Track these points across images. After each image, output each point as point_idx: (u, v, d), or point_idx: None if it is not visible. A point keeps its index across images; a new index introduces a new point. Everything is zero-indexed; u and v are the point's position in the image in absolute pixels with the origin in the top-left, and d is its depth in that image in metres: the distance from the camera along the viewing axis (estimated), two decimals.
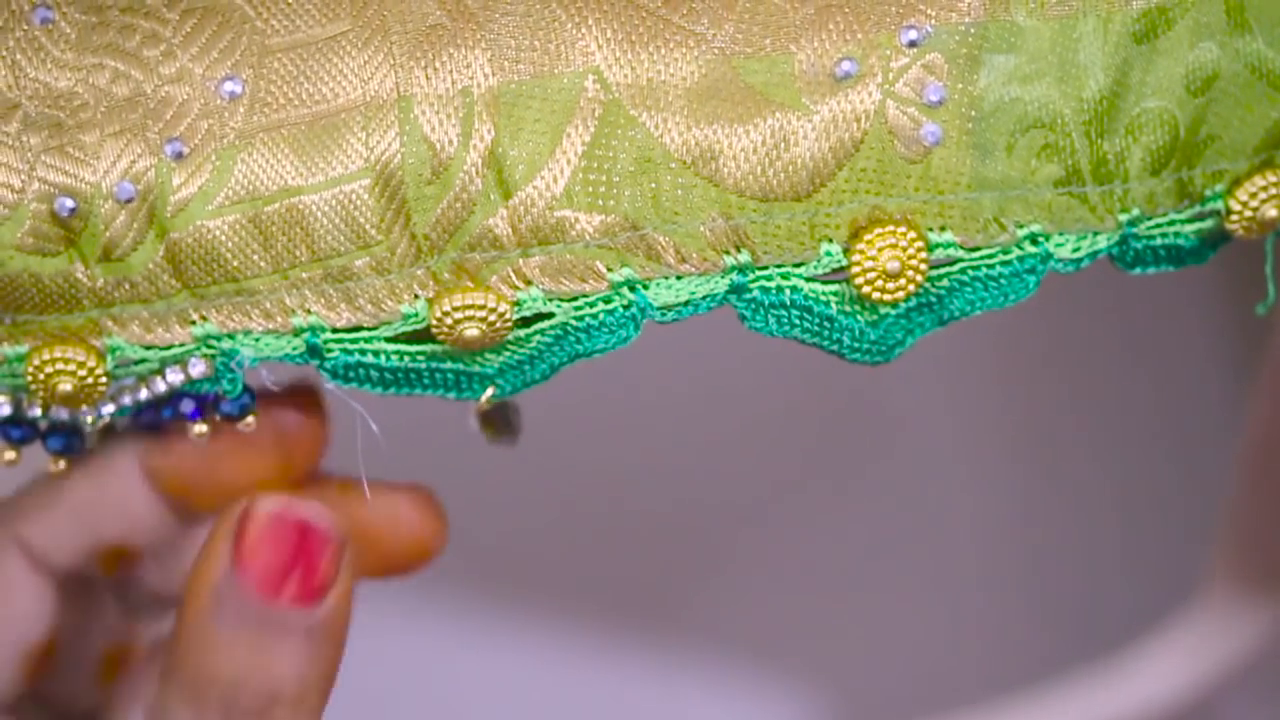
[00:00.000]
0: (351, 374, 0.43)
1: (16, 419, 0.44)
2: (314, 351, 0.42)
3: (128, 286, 0.42)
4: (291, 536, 0.40)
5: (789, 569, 0.91)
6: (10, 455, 0.44)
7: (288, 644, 0.40)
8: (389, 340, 0.43)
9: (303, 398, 0.45)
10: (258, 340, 0.42)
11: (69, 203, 0.41)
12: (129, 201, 0.41)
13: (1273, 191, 0.44)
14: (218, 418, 0.44)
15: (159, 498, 0.44)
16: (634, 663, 0.89)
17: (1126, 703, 0.77)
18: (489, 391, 0.43)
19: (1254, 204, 0.44)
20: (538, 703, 0.89)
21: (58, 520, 0.44)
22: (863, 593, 0.91)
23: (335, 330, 0.43)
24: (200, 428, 0.44)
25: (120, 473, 0.44)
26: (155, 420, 0.44)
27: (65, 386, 0.42)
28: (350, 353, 0.43)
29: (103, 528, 0.44)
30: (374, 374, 0.43)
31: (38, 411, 0.44)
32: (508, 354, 0.43)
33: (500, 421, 0.46)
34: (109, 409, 0.43)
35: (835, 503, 0.91)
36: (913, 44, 0.42)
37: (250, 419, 0.44)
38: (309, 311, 0.42)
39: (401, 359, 0.43)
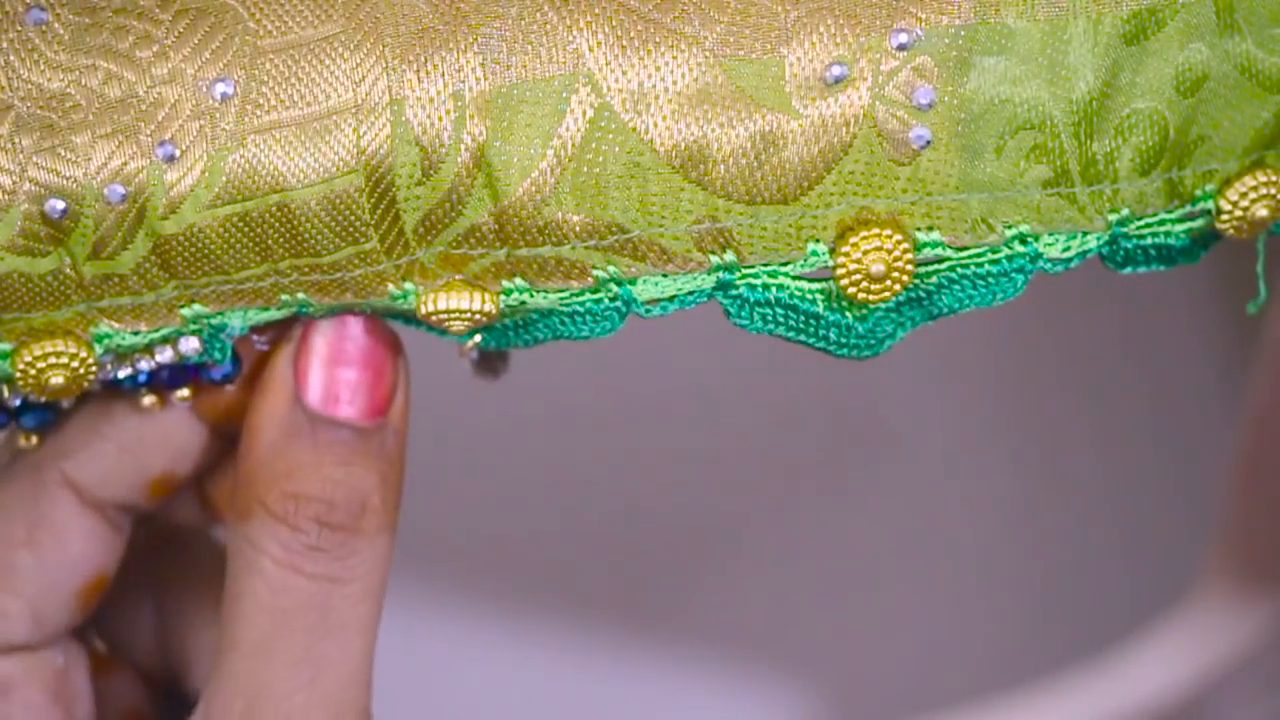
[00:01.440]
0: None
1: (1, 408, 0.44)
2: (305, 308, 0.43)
3: (117, 281, 0.42)
4: (359, 352, 0.42)
5: (788, 568, 0.91)
6: None
7: (370, 455, 0.42)
8: (374, 311, 0.43)
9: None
10: (246, 313, 0.43)
11: (60, 204, 0.41)
12: (119, 203, 0.41)
13: (1263, 191, 0.44)
14: (204, 381, 0.44)
15: (202, 424, 0.44)
16: (634, 662, 0.89)
17: (1123, 700, 0.78)
18: (476, 339, 0.44)
19: (1244, 204, 0.44)
20: (537, 702, 0.89)
21: (105, 458, 0.44)
22: (861, 591, 0.91)
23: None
24: (183, 392, 0.44)
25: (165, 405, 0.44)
26: (133, 388, 0.44)
27: (57, 380, 0.42)
28: (337, 311, 0.43)
29: (150, 460, 0.44)
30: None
31: (18, 400, 0.44)
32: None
33: (486, 362, 0.46)
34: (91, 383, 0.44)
35: (834, 502, 0.91)
36: (902, 47, 0.42)
37: (233, 386, 0.44)
38: (297, 296, 0.43)
39: (387, 316, 0.43)
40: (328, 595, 0.43)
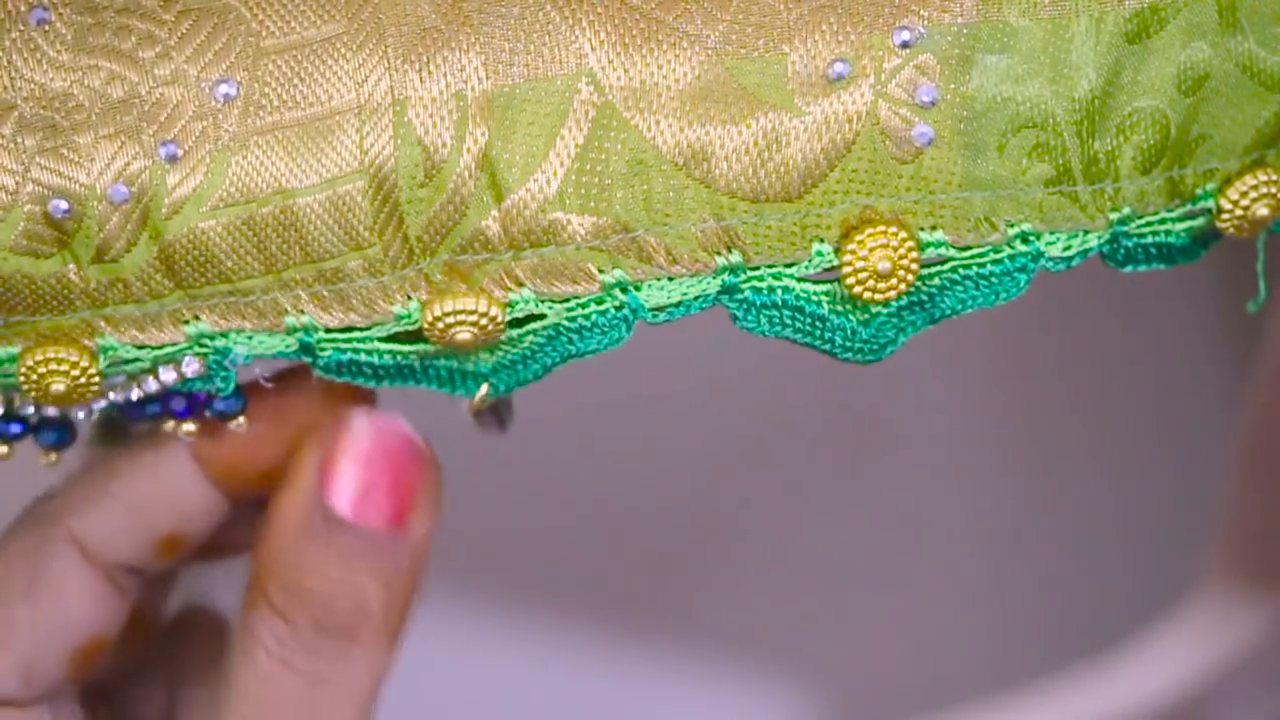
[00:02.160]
0: (345, 370, 0.43)
1: (9, 416, 0.44)
2: (307, 350, 0.43)
3: (121, 287, 0.42)
4: (387, 458, 0.41)
5: (788, 569, 0.91)
6: (3, 450, 0.44)
7: (378, 563, 0.42)
8: (382, 340, 0.43)
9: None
10: (251, 338, 0.43)
11: (63, 204, 0.41)
12: (123, 203, 0.41)
13: (1264, 190, 0.44)
14: (208, 415, 0.44)
15: (211, 485, 0.44)
16: (634, 662, 0.89)
17: (1123, 700, 0.78)
18: (484, 389, 0.44)
19: (1245, 203, 0.44)
20: (537, 701, 0.89)
21: (112, 515, 0.44)
22: (861, 591, 0.91)
23: (328, 330, 0.43)
24: (189, 426, 0.44)
25: (173, 464, 0.44)
26: (141, 416, 0.44)
27: (58, 386, 0.42)
28: (343, 351, 0.43)
29: (157, 520, 0.44)
30: (367, 370, 0.43)
31: (30, 409, 0.44)
32: (501, 353, 0.44)
33: (492, 413, 0.46)
34: (101, 405, 0.44)
35: (835, 502, 0.91)
36: (905, 45, 0.42)
37: (241, 419, 0.44)
38: (302, 312, 0.42)
39: (395, 357, 0.43)
40: (315, 695, 0.42)
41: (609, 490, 0.88)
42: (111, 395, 0.43)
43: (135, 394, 0.43)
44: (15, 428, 0.44)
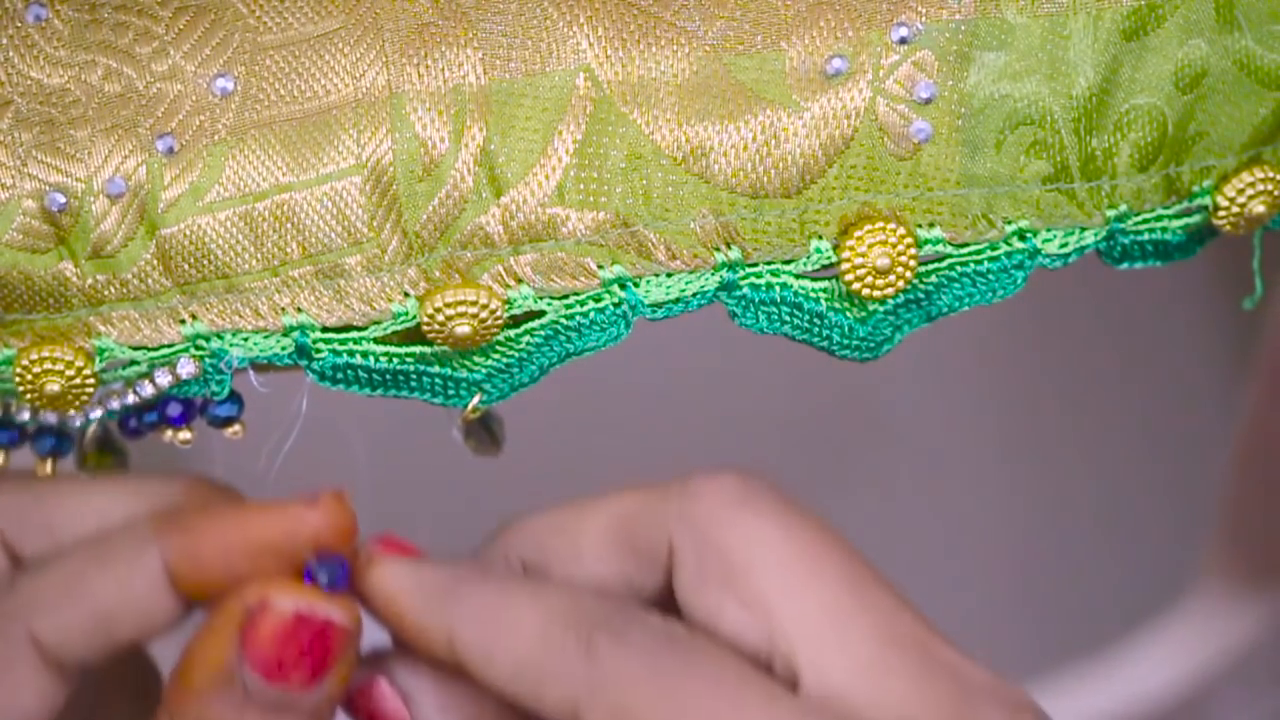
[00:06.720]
0: (340, 375, 0.43)
1: (4, 423, 0.44)
2: (302, 352, 0.43)
3: (117, 284, 0.42)
4: (310, 635, 0.41)
5: None
6: None
7: (294, 715, 0.41)
8: (378, 341, 0.43)
9: (334, 505, 0.44)
10: (247, 339, 0.43)
11: (60, 199, 0.41)
12: (119, 197, 0.41)
13: (1260, 188, 0.44)
14: (206, 420, 0.44)
15: (178, 600, 0.44)
16: None
17: (1123, 699, 0.78)
18: (475, 399, 0.44)
19: (1241, 200, 0.44)
20: None
21: (77, 622, 0.43)
22: None
23: (324, 330, 0.43)
24: (185, 434, 0.44)
25: (145, 580, 0.44)
26: (138, 429, 0.44)
27: (53, 387, 0.42)
28: (339, 354, 0.43)
29: (120, 629, 0.44)
30: (362, 375, 0.43)
31: (26, 415, 0.44)
32: (496, 357, 0.43)
33: (484, 432, 0.46)
34: (96, 413, 0.44)
35: (830, 502, 0.91)
36: (903, 41, 0.42)
37: (237, 427, 0.44)
38: (299, 309, 0.42)
39: (390, 361, 0.43)
40: None
41: (606, 485, 0.88)
42: (108, 403, 0.43)
43: (131, 399, 0.43)
44: (6, 435, 0.44)
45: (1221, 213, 0.44)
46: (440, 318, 0.42)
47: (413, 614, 0.42)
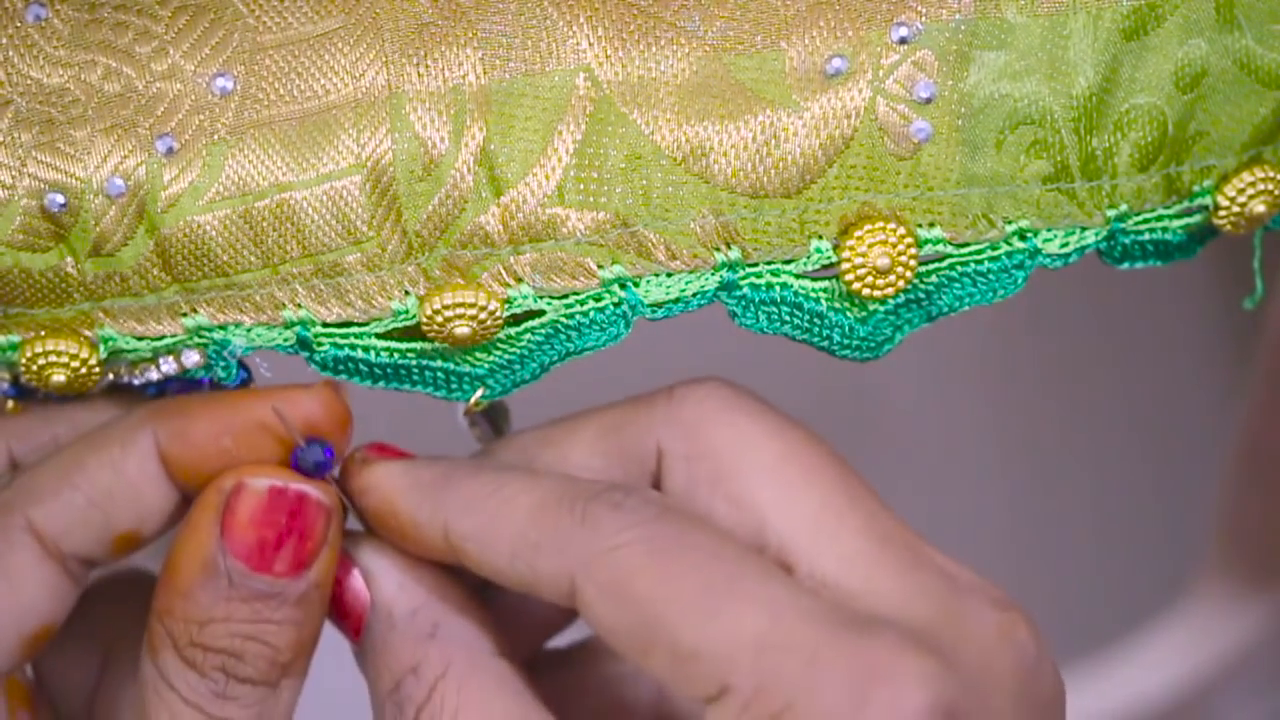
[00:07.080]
0: (341, 367, 0.43)
1: (15, 383, 0.44)
2: (304, 344, 0.43)
3: (118, 281, 0.42)
4: (287, 511, 0.41)
5: None
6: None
7: (281, 611, 0.42)
8: (379, 336, 0.43)
9: (326, 391, 0.45)
10: (249, 331, 0.43)
11: (59, 199, 0.41)
12: (119, 197, 0.41)
13: (1261, 187, 0.44)
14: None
15: (173, 486, 0.44)
16: None
17: (1121, 698, 0.78)
18: (479, 393, 0.44)
19: (1242, 199, 0.44)
20: None
21: (73, 508, 0.44)
22: None
23: (326, 324, 0.43)
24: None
25: (138, 461, 0.44)
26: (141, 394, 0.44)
27: (58, 378, 0.43)
28: (340, 347, 0.43)
29: (117, 516, 0.44)
30: (363, 368, 0.43)
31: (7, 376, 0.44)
32: (498, 353, 0.43)
33: (489, 422, 0.46)
34: (104, 383, 0.44)
35: None
36: (903, 41, 0.42)
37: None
38: (299, 306, 0.42)
39: (391, 355, 0.43)
40: None
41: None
42: (112, 377, 0.43)
43: (137, 381, 0.43)
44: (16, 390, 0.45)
45: (1222, 212, 0.44)
46: (439, 319, 0.42)
47: (408, 510, 0.43)
